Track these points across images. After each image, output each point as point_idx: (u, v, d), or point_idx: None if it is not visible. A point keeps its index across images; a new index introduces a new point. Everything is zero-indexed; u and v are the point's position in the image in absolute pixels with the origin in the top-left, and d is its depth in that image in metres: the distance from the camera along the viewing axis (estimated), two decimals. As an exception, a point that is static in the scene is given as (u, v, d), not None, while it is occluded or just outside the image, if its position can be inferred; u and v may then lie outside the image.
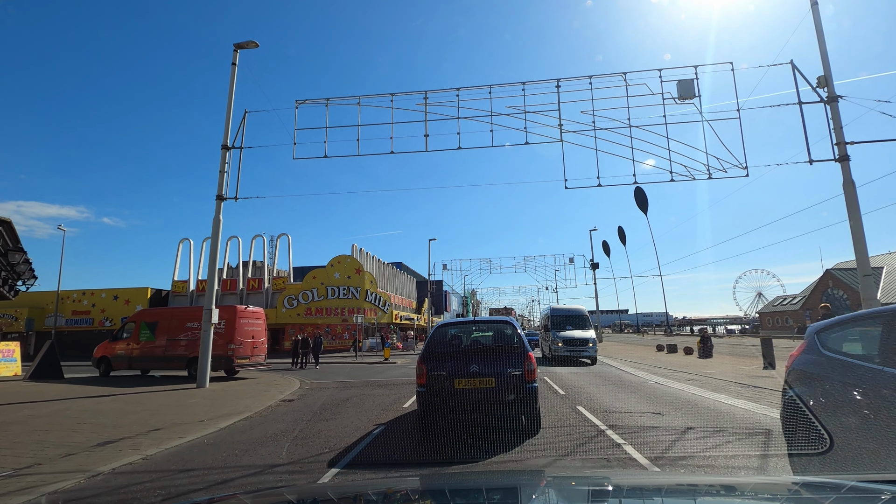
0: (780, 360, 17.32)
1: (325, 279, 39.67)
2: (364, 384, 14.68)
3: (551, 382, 13.09)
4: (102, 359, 17.84)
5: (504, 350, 7.06)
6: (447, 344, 7.49)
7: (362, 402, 10.90)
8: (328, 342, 39.55)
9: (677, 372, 15.56)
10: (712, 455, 5.59)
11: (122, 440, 7.31)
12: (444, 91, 14.84)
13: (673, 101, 13.86)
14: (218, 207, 15.05)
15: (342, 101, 15.31)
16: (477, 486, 2.18)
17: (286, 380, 16.14)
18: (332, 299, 39.42)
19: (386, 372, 18.85)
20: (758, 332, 57.96)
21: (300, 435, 7.50)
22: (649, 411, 8.54)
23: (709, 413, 8.37)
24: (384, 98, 15.07)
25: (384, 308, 41.71)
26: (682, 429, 7.10)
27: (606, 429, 7.07)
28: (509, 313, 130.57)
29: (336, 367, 21.92)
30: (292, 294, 39.03)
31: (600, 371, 16.94)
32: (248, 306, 17.84)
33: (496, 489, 2.07)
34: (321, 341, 19.18)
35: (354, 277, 40.31)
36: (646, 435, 6.74)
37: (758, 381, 12.49)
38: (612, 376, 15.03)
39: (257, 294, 41.31)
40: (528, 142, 14.27)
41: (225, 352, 16.37)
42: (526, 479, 2.62)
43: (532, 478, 2.85)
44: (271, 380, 16.28)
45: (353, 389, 13.43)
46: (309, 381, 15.81)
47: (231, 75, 15.54)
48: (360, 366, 23.15)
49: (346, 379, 16.53)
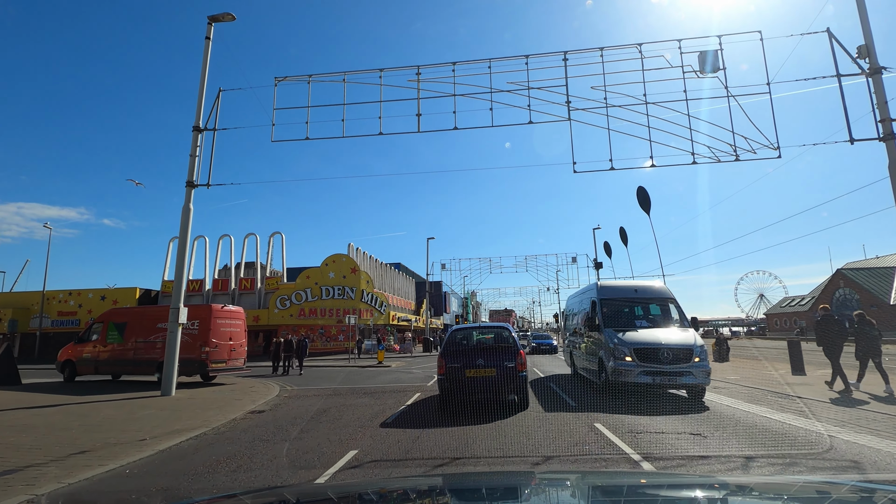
0: (809, 364, 15.68)
1: (319, 279, 38.07)
2: (349, 392, 13.07)
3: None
4: (67, 363, 16.24)
5: (502, 348, 9.35)
6: (459, 344, 9.92)
7: (340, 416, 9.28)
8: (322, 344, 37.94)
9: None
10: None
11: (21, 471, 5.70)
12: (438, 66, 13.26)
13: (694, 74, 12.28)
14: (188, 195, 13.46)
15: (326, 77, 13.73)
16: (476, 485, 2.19)
17: (265, 386, 14.53)
18: (327, 300, 37.82)
19: (376, 377, 17.23)
20: (764, 334, 56.28)
21: (247, 464, 5.88)
22: (686, 431, 6.90)
23: (761, 434, 6.73)
24: (372, 74, 13.50)
25: (381, 309, 40.10)
26: (740, 459, 5.46)
27: (640, 459, 5.44)
28: (509, 315, 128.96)
29: (324, 372, 20.30)
30: (285, 294, 37.42)
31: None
32: (224, 305, 16.23)
33: (495, 489, 2.08)
34: (306, 344, 17.57)
35: (350, 277, 38.71)
36: (698, 471, 5.09)
37: (794, 389, 10.87)
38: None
39: (250, 294, 39.73)
40: (531, 121, 12.68)
41: (198, 355, 14.77)
42: (525, 480, 2.57)
43: (532, 478, 2.77)
44: (249, 386, 14.66)
45: (335, 398, 11.82)
46: (290, 388, 14.20)
47: (204, 51, 13.97)
48: (351, 370, 21.52)
49: (331, 385, 14.91)
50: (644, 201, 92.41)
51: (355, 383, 15.35)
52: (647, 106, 12.34)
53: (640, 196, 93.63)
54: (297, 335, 17.88)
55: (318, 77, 13.71)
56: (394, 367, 21.89)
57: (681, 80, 12.29)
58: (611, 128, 12.39)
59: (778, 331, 54.32)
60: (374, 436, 7.28)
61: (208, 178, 13.68)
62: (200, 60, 13.94)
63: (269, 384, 15.09)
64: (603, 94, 12.51)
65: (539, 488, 2.03)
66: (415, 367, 22.40)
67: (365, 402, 10.89)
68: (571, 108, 12.59)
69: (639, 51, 12.55)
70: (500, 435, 7.05)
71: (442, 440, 6.96)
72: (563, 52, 12.82)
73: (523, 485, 2.16)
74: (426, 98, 13.19)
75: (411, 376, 17.25)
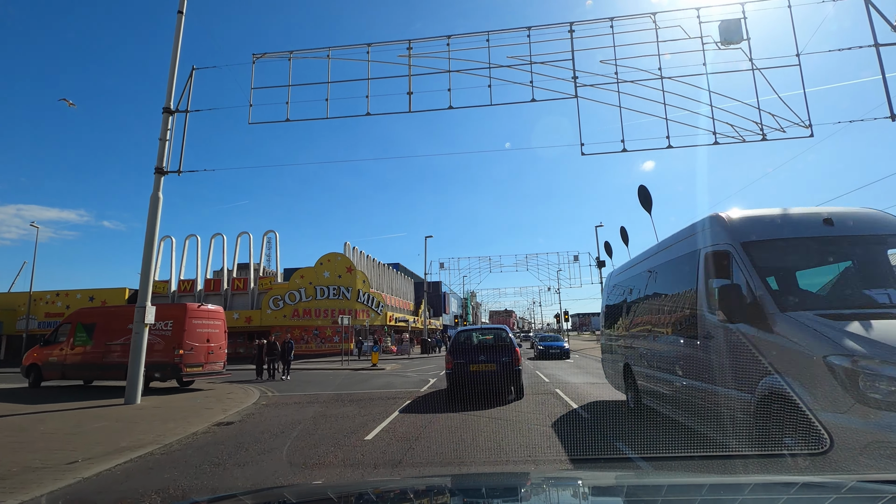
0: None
1: (313, 278, 36.79)
2: (332, 399, 11.78)
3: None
4: (32, 367, 14.96)
5: (500, 346, 10.57)
6: (464, 343, 11.16)
7: (315, 429, 8.00)
8: (317, 346, 36.63)
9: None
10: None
11: None
12: (431, 40, 12.00)
13: (715, 46, 11.02)
14: (157, 183, 12.20)
15: (309, 53, 12.48)
16: (476, 485, 2.18)
17: (245, 393, 13.24)
18: (322, 300, 36.53)
19: (368, 381, 15.95)
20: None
21: (179, 496, 4.62)
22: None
23: None
24: (359, 50, 12.24)
25: (377, 309, 38.82)
26: None
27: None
28: (509, 316, 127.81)
29: (313, 376, 19.01)
30: (278, 294, 36.13)
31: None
32: (202, 304, 14.93)
33: (495, 489, 2.07)
34: (291, 346, 16.25)
35: (345, 276, 37.43)
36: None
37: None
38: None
39: (243, 295, 38.48)
40: (534, 98, 11.42)
41: (171, 358, 13.49)
42: (525, 480, 2.52)
43: (532, 478, 2.71)
44: (226, 392, 13.38)
45: (316, 406, 10.55)
46: (270, 395, 12.92)
47: (177, 25, 12.72)
48: (343, 373, 20.23)
49: (316, 391, 13.62)
50: (645, 200, 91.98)
51: (343, 388, 14.06)
52: (662, 81, 11.08)
53: (642, 195, 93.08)
54: (281, 338, 16.55)
55: (300, 53, 12.46)
56: (388, 371, 20.61)
57: (700, 52, 11.03)
58: (622, 105, 11.13)
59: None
60: (348, 458, 5.99)
61: (179, 163, 12.41)
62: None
63: (251, 390, 13.80)
64: (613, 69, 11.25)
65: (538, 488, 2.03)
66: (410, 369, 21.13)
67: (347, 413, 9.61)
68: (578, 84, 11.33)
69: (653, 20, 11.30)
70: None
71: (434, 453, 5.68)
72: (569, 24, 11.56)
73: (522, 485, 2.14)
74: (418, 75, 11.93)
75: (404, 380, 15.97)
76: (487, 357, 10.37)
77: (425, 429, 7.75)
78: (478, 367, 10.20)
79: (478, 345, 11.15)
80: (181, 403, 11.31)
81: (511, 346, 10.58)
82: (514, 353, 10.37)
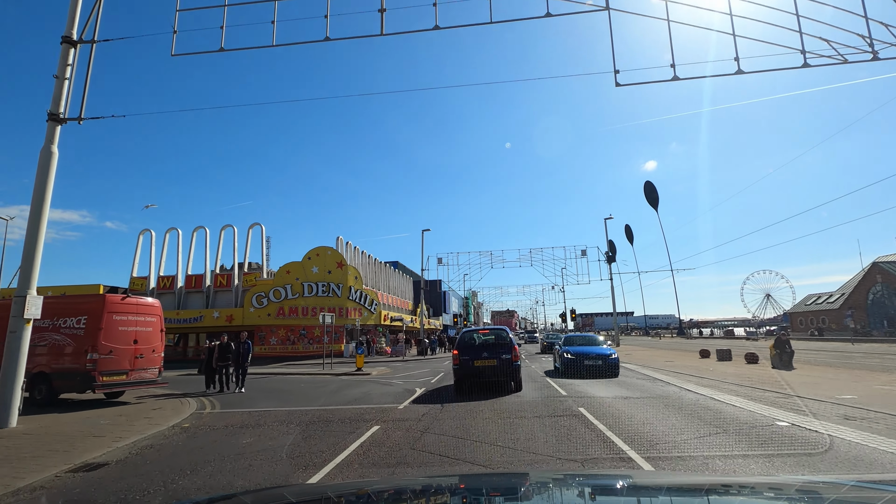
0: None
1: (300, 274, 33.76)
2: (280, 420, 8.68)
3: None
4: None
5: (501, 344, 11.91)
6: (468, 341, 12.44)
7: (219, 473, 4.95)
8: (304, 347, 33.52)
9: (790, 398, 9.51)
10: None
11: None
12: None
13: (799, -65, 7.92)
14: (51, 133, 9.17)
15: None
16: (476, 486, 2.14)
17: (175, 410, 10.18)
18: (310, 297, 33.50)
19: (341, 392, 12.87)
20: (788, 334, 51.62)
21: None
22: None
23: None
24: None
25: (371, 308, 35.78)
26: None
27: None
28: (511, 316, 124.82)
29: (279, 383, 15.94)
30: (262, 291, 33.09)
31: (659, 392, 10.92)
32: (127, 295, 11.83)
33: (496, 489, 2.02)
34: (249, 348, 13.07)
35: (336, 272, 34.40)
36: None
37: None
38: (690, 405, 9.01)
39: (226, 292, 35.49)
40: (549, 13, 8.35)
41: (82, 365, 10.45)
42: (525, 480, 2.42)
43: (532, 478, 2.59)
44: (151, 409, 10.31)
45: (248, 434, 7.47)
46: (205, 413, 9.84)
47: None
48: (319, 379, 17.18)
49: (268, 407, 10.52)
50: (651, 197, 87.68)
51: (305, 403, 11.00)
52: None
53: (648, 191, 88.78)
54: (240, 338, 13.48)
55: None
56: (372, 376, 17.53)
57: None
58: (671, 18, 8.03)
59: (802, 330, 49.58)
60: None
61: (80, 109, 9.38)
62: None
63: (186, 405, 10.75)
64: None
65: (539, 488, 1.99)
66: (399, 374, 18.05)
67: (285, 444, 6.54)
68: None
69: None
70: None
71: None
72: (596, -87, 8.48)
73: (523, 485, 2.12)
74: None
75: (386, 390, 12.89)
76: (490, 353, 11.55)
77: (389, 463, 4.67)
78: (482, 363, 11.41)
79: (482, 343, 12.24)
80: (69, 427, 8.25)
81: (510, 345, 11.80)
82: (513, 350, 11.64)
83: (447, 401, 10.37)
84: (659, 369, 16.27)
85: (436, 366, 22.72)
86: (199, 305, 35.08)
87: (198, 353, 35.17)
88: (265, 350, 33.12)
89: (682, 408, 8.75)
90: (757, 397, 9.65)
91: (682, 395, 10.45)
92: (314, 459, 5.73)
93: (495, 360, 11.32)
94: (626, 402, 9.59)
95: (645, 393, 10.87)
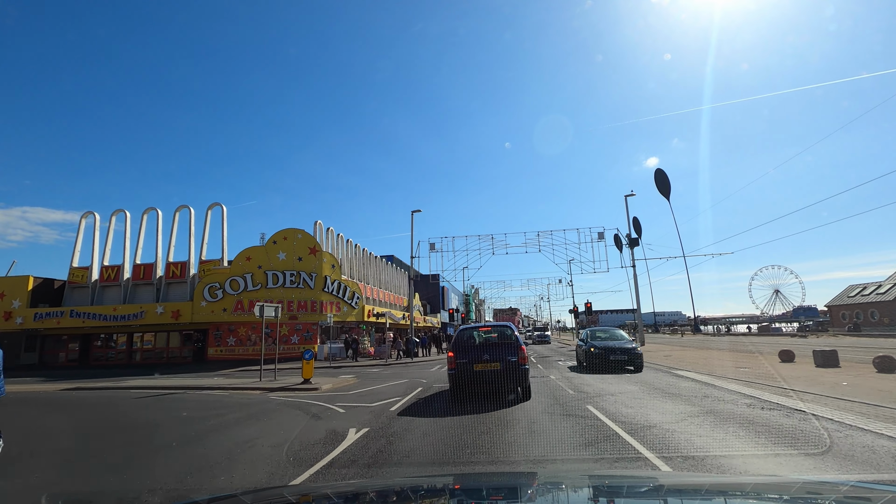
0: None
1: (263, 261, 28.01)
2: None
3: None
4: None
5: (505, 344, 9.74)
6: (467, 341, 10.28)
7: None
8: (265, 348, 27.67)
9: None
10: None
11: None
12: None
13: None
14: None
15: None
16: (477, 485, 2.11)
17: None
18: (275, 288, 27.75)
19: (223, 432, 7.07)
20: (826, 330, 45.50)
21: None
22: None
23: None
24: None
25: (352, 302, 30.02)
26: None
27: None
28: (514, 314, 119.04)
29: (135, 409, 10.16)
30: (216, 282, 27.34)
31: (776, 422, 5.10)
32: None
33: (496, 489, 1.98)
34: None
35: (308, 260, 28.64)
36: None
37: None
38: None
39: (180, 284, 29.74)
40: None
41: None
42: (525, 480, 2.40)
43: (532, 478, 2.55)
44: None
45: None
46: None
47: None
48: (230, 400, 11.38)
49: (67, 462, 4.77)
50: (663, 185, 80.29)
51: (84, 475, 5.23)
52: None
53: (659, 179, 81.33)
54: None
55: None
56: (319, 393, 11.73)
57: None
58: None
59: (842, 325, 43.43)
60: None
61: None
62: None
63: None
64: None
65: (539, 488, 1.94)
66: (357, 391, 12.23)
67: None
68: None
69: None
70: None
71: None
72: None
73: (523, 485, 2.07)
74: None
75: (291, 435, 7.03)
76: (492, 355, 9.48)
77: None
78: (483, 366, 9.37)
79: (483, 343, 10.32)
80: None
81: (517, 344, 9.68)
82: (519, 350, 9.52)
83: (400, 460, 4.63)
84: (764, 385, 10.30)
85: (419, 374, 16.90)
86: (149, 300, 29.36)
87: (131, 356, 29.45)
88: (221, 352, 27.38)
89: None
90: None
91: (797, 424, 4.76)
92: None
93: (499, 364, 9.31)
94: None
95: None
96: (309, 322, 28.19)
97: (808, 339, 31.56)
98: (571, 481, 2.17)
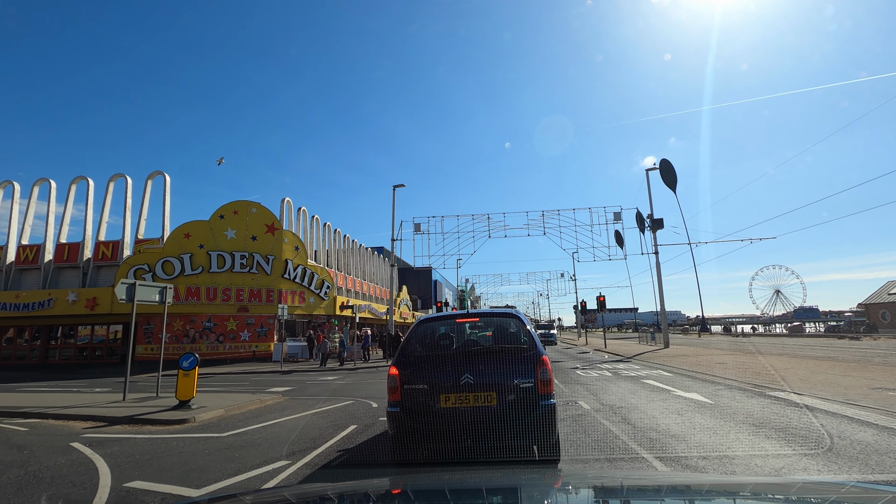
0: None
1: (206, 239, 22.49)
2: None
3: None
4: None
5: (508, 353, 4.49)
6: (431, 345, 4.88)
7: None
8: (209, 347, 22.06)
9: None
10: None
11: None
12: None
13: None
14: None
15: None
16: (477, 486, 2.03)
17: None
18: (221, 272, 22.28)
19: None
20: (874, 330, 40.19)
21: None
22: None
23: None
24: None
25: (320, 292, 24.62)
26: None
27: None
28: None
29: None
30: (144, 263, 21.80)
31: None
32: None
33: (497, 489, 1.93)
34: None
35: (264, 239, 23.20)
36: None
37: None
38: None
39: (111, 268, 24.19)
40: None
41: None
42: (526, 480, 2.31)
43: (533, 478, 2.45)
44: None
45: None
46: None
47: None
48: (20, 436, 5.92)
49: None
50: (669, 176, 74.33)
51: None
52: None
53: (664, 170, 75.20)
54: None
55: None
56: (175, 435, 6.39)
57: None
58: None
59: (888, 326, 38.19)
60: None
61: None
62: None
63: None
64: None
65: (539, 488, 1.90)
66: (244, 432, 6.85)
67: None
68: None
69: None
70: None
71: None
72: None
73: (523, 485, 2.01)
74: None
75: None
76: (480, 375, 4.23)
77: None
78: (459, 402, 4.20)
79: (461, 350, 4.75)
80: None
81: (531, 354, 4.37)
82: (538, 366, 4.27)
83: None
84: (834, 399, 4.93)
85: (380, 387, 11.48)
86: (75, 285, 23.85)
87: (22, 355, 23.86)
88: (152, 351, 21.84)
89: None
90: None
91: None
92: None
93: (493, 394, 4.14)
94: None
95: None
96: (264, 315, 22.76)
97: (863, 342, 26.17)
98: (571, 482, 2.05)
